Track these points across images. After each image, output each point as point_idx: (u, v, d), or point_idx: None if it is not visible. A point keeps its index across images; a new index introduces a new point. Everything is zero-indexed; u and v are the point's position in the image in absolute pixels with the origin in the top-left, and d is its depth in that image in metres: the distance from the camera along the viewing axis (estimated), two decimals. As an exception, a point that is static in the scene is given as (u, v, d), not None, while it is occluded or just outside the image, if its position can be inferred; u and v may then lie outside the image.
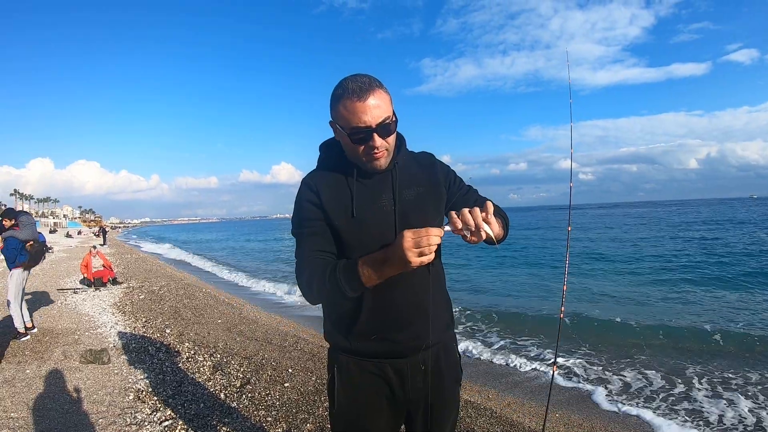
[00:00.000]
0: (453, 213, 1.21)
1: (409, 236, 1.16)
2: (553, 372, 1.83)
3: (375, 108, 1.28)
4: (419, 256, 1.16)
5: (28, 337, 5.93)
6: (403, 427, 1.60)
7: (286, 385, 4.43)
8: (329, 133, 1.51)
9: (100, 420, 3.54)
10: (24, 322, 6.00)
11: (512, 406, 4.32)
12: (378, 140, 1.31)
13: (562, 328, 7.27)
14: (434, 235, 1.16)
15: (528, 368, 5.46)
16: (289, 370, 4.86)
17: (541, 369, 5.41)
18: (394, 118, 1.35)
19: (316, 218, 1.39)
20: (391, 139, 1.37)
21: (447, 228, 1.22)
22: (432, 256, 1.18)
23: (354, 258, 1.30)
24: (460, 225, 1.19)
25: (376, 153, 1.34)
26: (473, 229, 1.18)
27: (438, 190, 1.52)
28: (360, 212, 1.38)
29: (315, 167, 1.53)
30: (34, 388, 4.20)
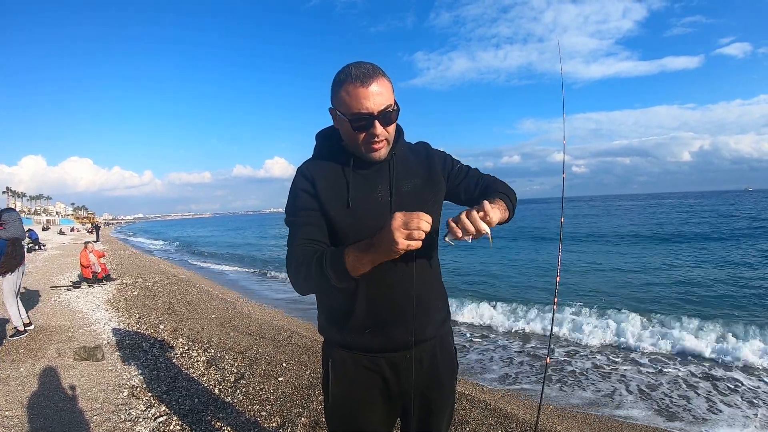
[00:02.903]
0: (451, 221, 1.19)
1: (399, 216, 1.11)
2: (547, 364, 1.84)
3: (377, 95, 1.26)
4: (407, 239, 1.10)
5: (26, 334, 5.89)
6: (398, 420, 1.59)
7: (280, 379, 4.43)
8: (321, 127, 1.49)
9: (95, 417, 3.53)
10: (21, 319, 5.96)
11: (506, 398, 4.36)
12: (379, 128, 1.29)
13: (556, 318, 7.33)
14: (425, 220, 1.10)
15: (522, 360, 5.49)
16: (283, 364, 4.86)
17: (535, 361, 5.45)
18: (395, 107, 1.33)
19: (310, 207, 1.36)
20: (392, 128, 1.35)
21: (447, 239, 1.21)
22: (419, 243, 1.12)
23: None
24: (460, 234, 1.18)
25: (376, 142, 1.32)
26: (474, 234, 1.17)
27: (436, 182, 1.50)
28: (355, 203, 1.36)
29: (310, 157, 1.50)
30: (28, 386, 4.18)
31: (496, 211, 1.26)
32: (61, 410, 3.67)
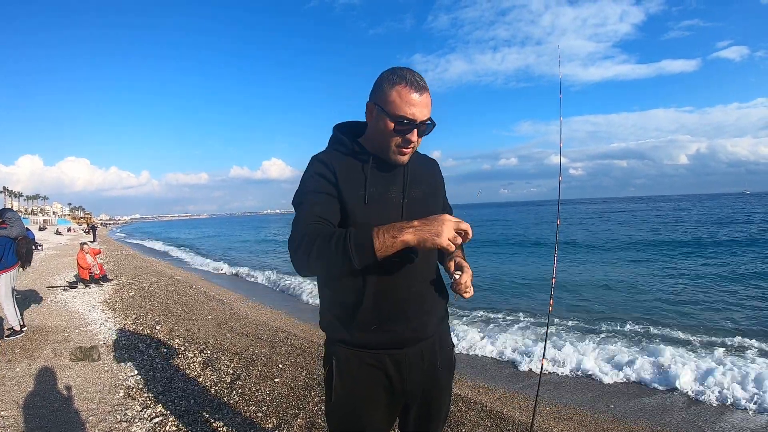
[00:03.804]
0: (464, 284, 1.41)
1: (452, 217, 1.22)
2: (542, 365, 1.85)
3: (424, 106, 1.35)
4: (452, 237, 1.19)
5: (22, 334, 5.87)
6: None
7: (276, 380, 4.43)
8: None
9: (91, 417, 3.53)
10: (19, 320, 5.95)
11: (502, 399, 4.36)
12: (415, 136, 1.37)
13: (553, 319, 7.35)
14: (471, 231, 1.25)
15: (518, 361, 5.49)
16: (280, 366, 4.86)
17: (531, 362, 5.45)
18: (432, 122, 1.40)
19: (326, 191, 1.38)
20: (420, 140, 1.43)
21: (457, 275, 1.43)
22: (454, 246, 1.20)
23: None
24: (462, 290, 1.42)
25: (408, 148, 1.39)
26: (464, 295, 1.43)
27: (439, 196, 1.61)
28: (372, 200, 1.40)
29: (324, 149, 1.53)
30: (24, 386, 4.17)
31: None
32: (56, 410, 3.67)
